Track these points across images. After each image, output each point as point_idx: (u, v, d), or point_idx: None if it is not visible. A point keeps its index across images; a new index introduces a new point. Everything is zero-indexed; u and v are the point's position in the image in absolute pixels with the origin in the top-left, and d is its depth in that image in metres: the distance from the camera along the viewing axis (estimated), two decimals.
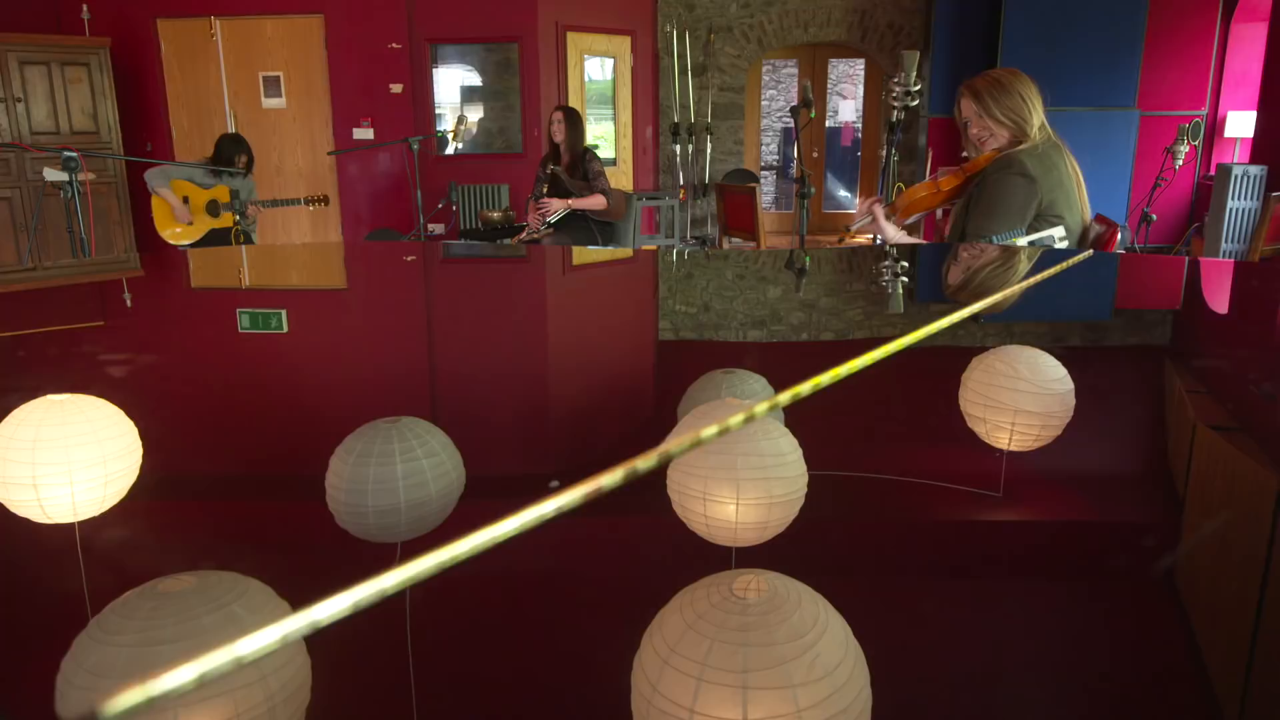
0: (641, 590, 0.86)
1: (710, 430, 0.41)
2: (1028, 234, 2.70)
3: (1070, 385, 1.03)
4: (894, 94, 3.63)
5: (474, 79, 9.03)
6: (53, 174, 4.43)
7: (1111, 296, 2.05)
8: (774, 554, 0.79)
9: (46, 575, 0.85)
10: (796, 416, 0.86)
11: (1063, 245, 2.68)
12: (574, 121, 5.74)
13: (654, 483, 0.85)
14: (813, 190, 4.77)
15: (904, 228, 3.03)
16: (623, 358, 1.70)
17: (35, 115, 7.59)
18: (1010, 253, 2.46)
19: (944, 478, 1.10)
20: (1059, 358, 1.08)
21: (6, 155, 7.31)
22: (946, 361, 1.63)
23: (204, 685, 0.27)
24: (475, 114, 9.00)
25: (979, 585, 0.88)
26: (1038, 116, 2.77)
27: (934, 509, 1.04)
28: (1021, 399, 1.02)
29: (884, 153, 5.60)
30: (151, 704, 0.26)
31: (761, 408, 0.46)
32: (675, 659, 0.50)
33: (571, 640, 0.78)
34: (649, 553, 0.94)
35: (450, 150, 8.78)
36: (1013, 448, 1.02)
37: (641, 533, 0.98)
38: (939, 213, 3.98)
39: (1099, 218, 2.86)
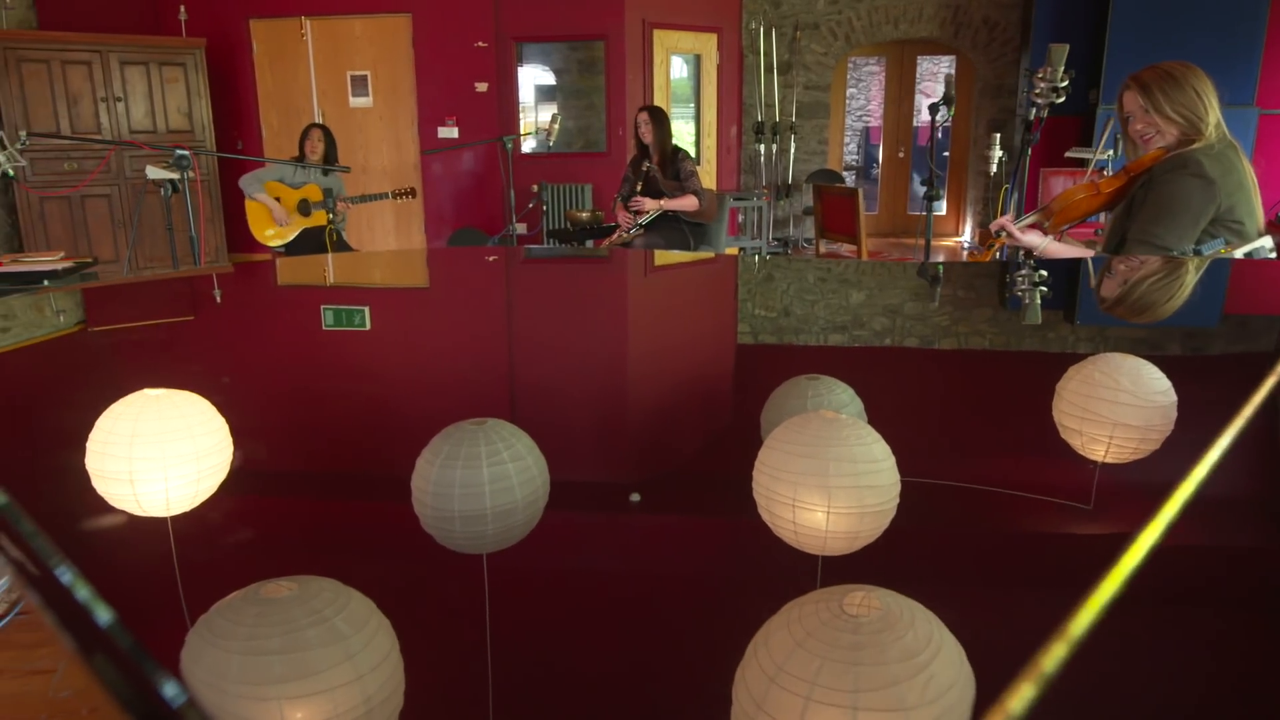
0: (727, 594, 0.84)
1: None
2: (1205, 242, 2.48)
3: (1174, 398, 0.98)
4: (1038, 90, 3.38)
5: (549, 78, 9.09)
6: (155, 172, 4.53)
7: (1220, 302, 1.95)
8: (859, 562, 0.76)
9: (141, 566, 0.87)
10: (881, 422, 0.84)
11: (1272, 255, 2.50)
12: (660, 121, 5.70)
13: (738, 486, 0.83)
14: (942, 193, 4.62)
15: (1058, 235, 2.80)
16: (702, 362, 1.68)
17: (134, 114, 7.90)
18: (1177, 263, 2.29)
19: (1030, 487, 1.06)
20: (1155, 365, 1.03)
21: (105, 153, 7.60)
22: (1036, 368, 1.57)
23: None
24: (550, 113, 9.06)
25: (1067, 601, 0.84)
26: (1214, 114, 2.56)
27: (1020, 520, 1.00)
28: (1122, 412, 0.97)
29: (992, 153, 5.35)
30: None
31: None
32: (783, 677, 0.48)
33: (654, 644, 0.76)
34: (732, 556, 0.93)
35: (529, 148, 8.84)
36: (1108, 460, 0.98)
37: (723, 535, 0.97)
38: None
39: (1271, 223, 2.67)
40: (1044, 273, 2.37)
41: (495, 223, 8.69)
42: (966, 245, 10.16)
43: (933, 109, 4.58)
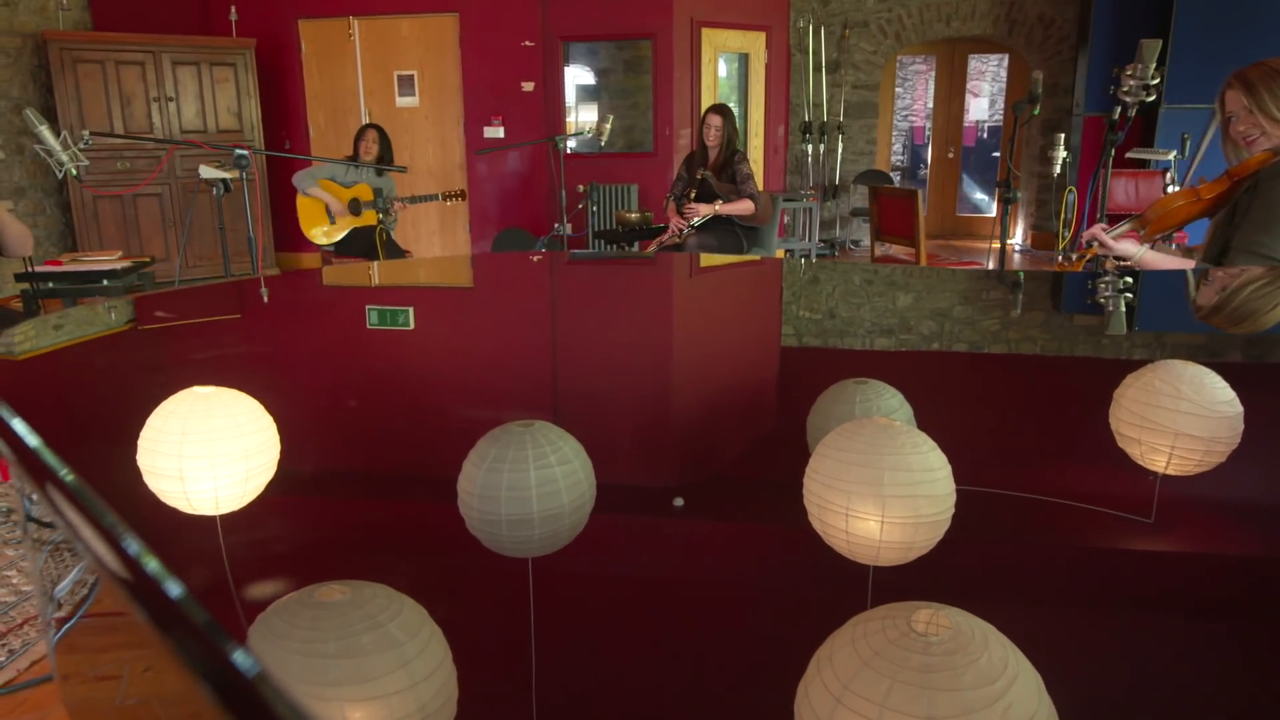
0: (777, 602, 0.82)
1: None
2: None
3: (1239, 408, 0.95)
4: (1126, 88, 3.22)
5: (589, 78, 9.07)
6: (209, 171, 4.57)
7: None
8: (910, 573, 0.75)
9: (191, 563, 0.88)
10: (931, 428, 0.82)
11: None
12: (731, 122, 5.63)
13: (783, 491, 0.81)
14: (1018, 194, 4.49)
15: (1153, 243, 2.64)
16: (747, 365, 1.66)
17: (185, 114, 8.03)
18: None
19: (1087, 498, 1.03)
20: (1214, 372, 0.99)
21: (158, 152, 7.73)
22: (1091, 374, 1.53)
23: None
24: (591, 113, 9.05)
25: (1124, 617, 0.82)
26: None
27: (1077, 532, 0.97)
28: (1184, 421, 0.94)
29: (1055, 154, 5.21)
30: None
31: None
32: (849, 697, 0.46)
33: (701, 653, 0.75)
34: (779, 563, 0.91)
35: (572, 148, 8.83)
36: (1169, 471, 0.94)
37: (770, 542, 0.95)
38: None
39: None
40: (1129, 279, 2.30)
41: (541, 223, 8.71)
42: (1019, 249, 10.00)
43: (1016, 107, 4.47)
